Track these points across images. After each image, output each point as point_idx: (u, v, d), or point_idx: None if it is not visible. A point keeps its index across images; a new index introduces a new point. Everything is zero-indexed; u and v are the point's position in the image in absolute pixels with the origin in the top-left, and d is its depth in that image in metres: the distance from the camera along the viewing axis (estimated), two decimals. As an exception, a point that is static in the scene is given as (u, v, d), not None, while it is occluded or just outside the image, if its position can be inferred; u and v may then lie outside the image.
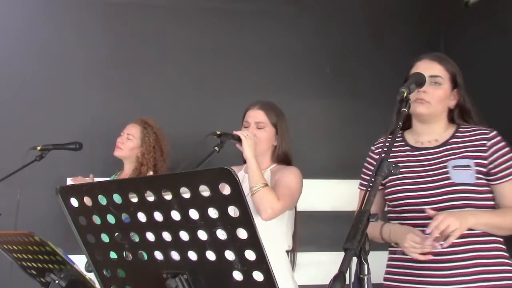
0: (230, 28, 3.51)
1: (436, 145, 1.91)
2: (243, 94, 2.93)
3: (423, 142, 1.94)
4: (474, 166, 1.80)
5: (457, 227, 1.63)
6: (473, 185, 1.78)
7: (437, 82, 1.88)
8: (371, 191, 1.30)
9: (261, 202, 2.10)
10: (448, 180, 1.80)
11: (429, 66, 1.91)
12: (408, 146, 1.97)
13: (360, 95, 3.52)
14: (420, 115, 1.89)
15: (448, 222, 1.63)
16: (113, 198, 1.14)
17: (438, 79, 1.88)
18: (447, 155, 1.86)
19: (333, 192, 3.38)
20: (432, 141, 1.93)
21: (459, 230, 1.64)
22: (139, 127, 2.91)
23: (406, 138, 2.00)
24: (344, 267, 1.10)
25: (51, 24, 3.39)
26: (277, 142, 2.36)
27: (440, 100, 1.88)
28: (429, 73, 1.87)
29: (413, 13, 3.67)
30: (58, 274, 1.62)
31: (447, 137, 1.91)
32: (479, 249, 1.77)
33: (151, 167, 2.83)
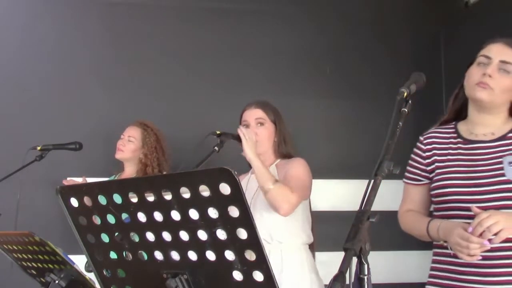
0: (230, 28, 3.51)
1: (492, 139, 1.74)
2: (243, 94, 2.93)
3: (477, 135, 1.77)
4: None
5: (504, 226, 1.49)
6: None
7: (506, 70, 1.69)
8: (371, 191, 1.30)
9: (276, 199, 2.10)
10: (502, 177, 1.65)
11: (503, 50, 1.73)
12: (460, 138, 1.80)
13: (360, 95, 3.52)
14: (479, 101, 1.71)
15: (495, 220, 1.49)
16: (113, 198, 1.14)
17: (509, 66, 1.69)
18: (504, 150, 1.70)
19: (333, 192, 3.38)
20: (488, 134, 1.76)
21: (506, 231, 1.50)
22: (139, 129, 2.93)
23: (459, 130, 1.82)
24: (344, 267, 1.10)
25: (51, 24, 3.39)
26: (277, 138, 2.38)
27: (505, 89, 1.69)
28: (501, 57, 1.71)
29: (413, 13, 3.67)
30: (58, 274, 1.62)
31: (505, 131, 1.74)
32: None
33: (156, 167, 2.84)
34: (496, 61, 1.70)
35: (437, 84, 3.48)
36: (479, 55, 1.76)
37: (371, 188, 1.31)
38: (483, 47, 1.77)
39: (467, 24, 3.40)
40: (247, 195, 2.18)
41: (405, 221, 1.87)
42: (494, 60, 1.71)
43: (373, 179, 1.33)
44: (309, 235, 2.29)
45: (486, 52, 1.75)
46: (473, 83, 1.72)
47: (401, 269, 3.22)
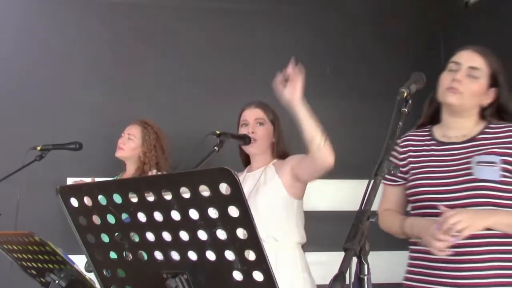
0: (230, 28, 3.51)
1: (462, 141, 1.82)
2: (243, 94, 2.93)
3: (450, 137, 1.86)
4: (500, 163, 1.71)
5: (467, 225, 1.57)
6: (497, 182, 1.70)
7: (475, 75, 1.78)
8: (371, 191, 1.30)
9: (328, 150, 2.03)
10: (470, 176, 1.73)
11: (471, 56, 1.82)
12: (434, 140, 1.89)
13: (360, 95, 3.52)
14: (450, 105, 1.81)
15: (459, 218, 1.58)
16: (113, 198, 1.14)
17: (477, 72, 1.78)
18: (473, 151, 1.78)
19: (333, 191, 3.38)
20: (460, 136, 1.84)
21: (470, 228, 1.58)
22: (139, 127, 2.93)
23: (434, 133, 1.91)
24: (344, 267, 1.10)
25: (51, 24, 3.39)
26: (275, 138, 2.39)
27: (474, 94, 1.78)
28: (469, 63, 1.80)
29: (413, 13, 3.67)
30: (58, 274, 1.62)
31: (475, 133, 1.82)
32: (499, 251, 1.69)
33: (153, 165, 2.84)
34: (465, 67, 1.79)
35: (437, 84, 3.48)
36: (450, 61, 1.85)
37: (371, 188, 1.31)
38: (454, 54, 1.86)
39: (467, 24, 3.40)
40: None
41: (382, 220, 1.95)
42: (463, 66, 1.81)
43: (373, 179, 1.33)
44: (303, 235, 2.30)
45: (455, 58, 1.84)
46: (444, 88, 1.82)
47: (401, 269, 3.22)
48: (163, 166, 2.87)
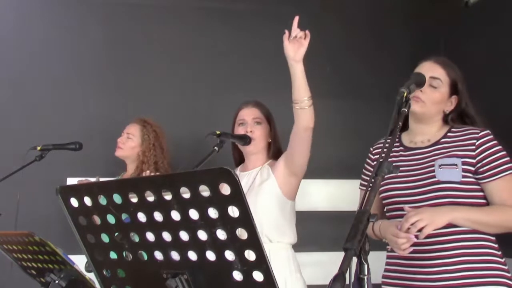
0: (229, 28, 3.51)
1: (427, 145, 1.94)
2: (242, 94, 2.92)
3: (416, 142, 1.97)
4: (461, 165, 1.81)
5: (428, 222, 1.66)
6: (458, 183, 1.80)
7: (435, 85, 1.90)
8: (371, 191, 1.30)
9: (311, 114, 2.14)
10: (434, 179, 1.82)
11: (431, 67, 1.94)
12: (402, 146, 2.01)
13: (360, 95, 3.52)
14: (413, 113, 1.92)
15: (418, 217, 1.66)
16: (113, 198, 1.14)
17: (437, 81, 1.91)
18: (436, 154, 1.88)
19: (333, 192, 3.38)
20: (425, 141, 1.96)
21: (430, 226, 1.66)
22: (139, 126, 2.93)
23: (402, 139, 2.04)
24: (344, 267, 1.10)
25: (51, 24, 3.39)
26: (271, 138, 2.41)
27: (435, 102, 1.91)
28: (430, 74, 1.90)
29: (413, 13, 3.67)
30: (58, 274, 1.62)
31: (438, 137, 1.93)
32: (466, 247, 1.78)
33: (152, 164, 2.84)
34: (426, 78, 1.86)
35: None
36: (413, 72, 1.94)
37: (371, 188, 1.31)
38: (417, 65, 1.98)
39: (467, 24, 3.40)
40: None
41: None
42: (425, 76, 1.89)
43: (373, 179, 1.34)
44: (295, 236, 2.31)
45: (417, 70, 1.95)
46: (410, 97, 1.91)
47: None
48: (161, 165, 2.86)
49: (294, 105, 2.11)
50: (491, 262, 1.79)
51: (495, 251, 1.82)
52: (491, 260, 1.80)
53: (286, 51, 2.17)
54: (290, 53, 2.16)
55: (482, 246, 1.80)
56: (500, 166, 1.80)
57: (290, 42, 2.17)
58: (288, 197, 2.29)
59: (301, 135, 2.15)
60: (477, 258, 1.78)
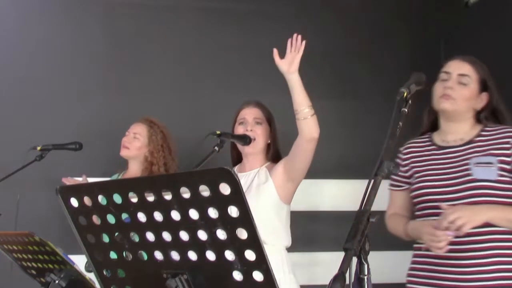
0: (230, 28, 3.51)
1: (461, 144, 1.93)
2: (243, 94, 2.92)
3: (448, 141, 1.97)
4: (497, 163, 1.82)
5: (466, 220, 1.66)
6: (494, 181, 1.80)
7: (464, 82, 1.91)
8: (371, 191, 1.30)
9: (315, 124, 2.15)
10: (469, 177, 1.82)
11: (460, 65, 1.95)
12: (434, 145, 2.01)
13: (360, 95, 3.52)
14: (444, 111, 1.93)
15: (458, 215, 1.67)
16: (113, 198, 1.14)
17: (466, 78, 1.91)
18: (471, 152, 1.89)
19: (333, 192, 3.38)
20: (457, 140, 1.95)
21: (469, 224, 1.67)
22: (145, 126, 2.85)
23: (433, 138, 2.03)
24: (344, 267, 1.10)
25: (51, 23, 3.39)
26: (270, 139, 2.39)
27: (465, 99, 1.91)
28: (458, 71, 1.92)
29: (413, 13, 3.67)
30: (58, 274, 1.62)
31: (472, 136, 1.93)
32: (500, 247, 1.78)
33: (162, 166, 2.76)
34: (455, 75, 1.91)
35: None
36: (441, 72, 1.98)
37: (371, 188, 1.32)
38: (443, 65, 1.99)
39: (467, 24, 3.40)
40: None
41: (390, 224, 2.08)
42: (453, 74, 1.94)
43: (373, 179, 1.34)
44: (290, 238, 2.31)
45: (446, 68, 1.97)
46: (438, 97, 1.94)
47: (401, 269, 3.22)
48: (171, 167, 2.79)
49: (296, 116, 2.11)
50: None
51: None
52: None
53: (280, 67, 2.17)
54: (283, 68, 2.17)
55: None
56: None
57: (282, 59, 2.17)
58: (285, 201, 2.28)
59: (304, 146, 2.15)
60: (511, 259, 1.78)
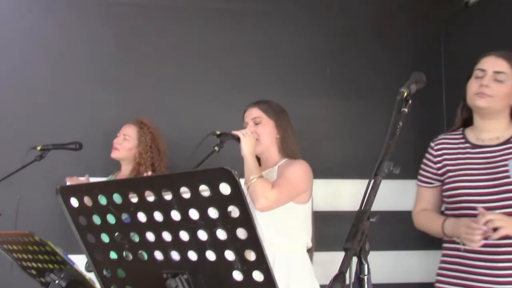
0: (230, 28, 3.51)
1: (497, 143, 1.90)
2: (243, 94, 2.93)
3: (484, 140, 1.94)
4: None
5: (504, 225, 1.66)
6: None
7: (500, 79, 1.87)
8: (371, 191, 1.30)
9: (254, 192, 2.10)
10: (507, 179, 1.81)
11: (495, 61, 1.91)
12: (468, 143, 1.97)
13: (360, 95, 3.52)
14: (479, 108, 1.90)
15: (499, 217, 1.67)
16: (113, 198, 1.14)
17: (502, 75, 1.88)
18: (508, 153, 1.86)
19: (334, 192, 3.38)
20: (493, 138, 1.92)
21: (506, 229, 1.66)
22: (135, 127, 2.91)
23: (467, 135, 2.00)
24: (344, 267, 1.10)
25: (51, 23, 3.39)
26: (279, 134, 2.34)
27: (503, 96, 1.88)
28: (494, 68, 1.89)
29: (413, 13, 3.66)
30: (58, 274, 1.62)
31: (509, 135, 1.91)
32: None
33: (149, 166, 2.82)
34: (490, 72, 1.88)
35: (437, 84, 3.48)
36: (475, 69, 1.95)
37: (371, 188, 1.31)
38: (478, 61, 1.95)
39: (467, 24, 3.40)
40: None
41: (420, 219, 2.04)
42: (488, 71, 1.90)
43: (373, 179, 1.33)
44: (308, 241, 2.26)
45: (480, 65, 1.93)
46: (473, 94, 1.91)
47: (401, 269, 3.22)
48: (158, 167, 2.84)
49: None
50: None
51: None
52: None
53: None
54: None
55: None
56: None
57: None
58: (296, 201, 2.23)
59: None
60: None
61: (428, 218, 2.01)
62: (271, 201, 2.10)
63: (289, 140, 2.34)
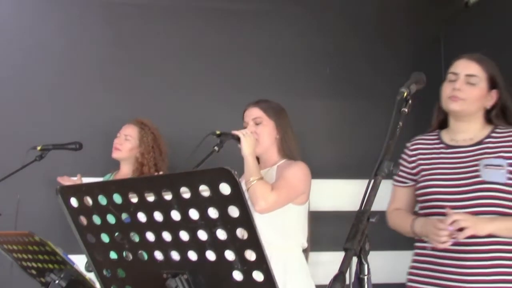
0: (230, 28, 3.51)
1: (470, 144, 1.92)
2: (243, 94, 2.93)
3: (458, 141, 1.96)
4: (507, 166, 1.81)
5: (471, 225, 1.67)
6: (503, 184, 1.80)
7: (473, 82, 1.89)
8: (371, 191, 1.30)
9: (254, 194, 2.11)
10: (478, 178, 1.82)
11: (467, 65, 1.93)
12: (442, 143, 1.99)
13: (360, 95, 3.52)
14: (453, 111, 1.91)
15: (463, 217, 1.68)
16: (113, 198, 1.14)
17: (474, 78, 1.89)
18: (481, 154, 1.87)
19: (334, 192, 3.38)
20: (467, 139, 1.94)
21: (472, 229, 1.67)
22: (136, 127, 2.90)
23: (442, 136, 2.02)
24: (344, 267, 1.10)
25: (51, 23, 3.39)
26: (279, 135, 2.34)
27: (475, 99, 1.89)
28: (466, 71, 1.91)
29: (413, 13, 3.67)
30: (58, 274, 1.62)
31: (482, 137, 1.92)
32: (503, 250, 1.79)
33: (152, 167, 2.82)
34: (462, 76, 1.89)
35: (437, 84, 3.48)
36: (448, 72, 1.97)
37: (371, 188, 1.32)
38: (451, 65, 1.97)
39: (467, 24, 3.40)
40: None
41: (392, 219, 2.06)
42: (461, 75, 1.92)
43: (373, 179, 1.33)
44: (303, 242, 2.27)
45: (453, 69, 1.95)
46: (446, 98, 1.94)
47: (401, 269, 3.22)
48: (161, 168, 2.85)
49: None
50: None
51: None
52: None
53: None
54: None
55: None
56: None
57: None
58: (294, 203, 2.23)
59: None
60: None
61: (399, 218, 2.03)
62: (270, 204, 2.12)
63: (288, 140, 2.34)
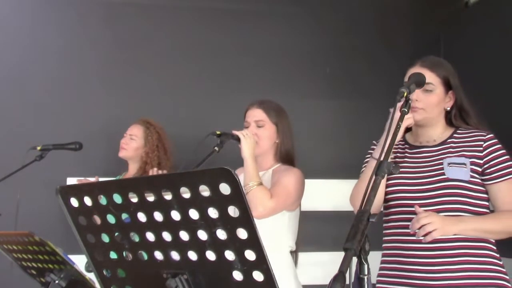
0: (230, 28, 3.51)
1: (434, 144, 1.95)
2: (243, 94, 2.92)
3: (421, 142, 1.99)
4: (470, 165, 1.84)
5: (437, 227, 1.67)
6: (466, 182, 1.82)
7: (428, 89, 1.90)
8: (371, 191, 1.30)
9: (253, 199, 2.11)
10: (443, 176, 1.84)
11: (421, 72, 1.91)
12: (407, 144, 2.02)
13: (360, 95, 3.52)
14: (416, 121, 1.93)
15: (429, 220, 1.67)
16: (113, 198, 1.14)
17: (429, 86, 1.90)
18: (444, 153, 1.90)
19: (333, 192, 3.38)
20: (430, 141, 1.97)
21: (439, 231, 1.67)
22: (142, 127, 2.94)
23: (406, 138, 2.05)
24: (344, 267, 1.10)
25: (51, 23, 3.39)
26: (278, 139, 2.34)
27: (434, 105, 1.92)
28: None
29: (413, 13, 3.67)
30: (58, 274, 1.62)
31: (445, 138, 1.95)
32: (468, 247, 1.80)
33: (155, 165, 2.85)
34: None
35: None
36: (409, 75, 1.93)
37: (371, 188, 1.31)
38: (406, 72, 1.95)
39: (467, 24, 3.40)
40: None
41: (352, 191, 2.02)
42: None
43: (373, 179, 1.33)
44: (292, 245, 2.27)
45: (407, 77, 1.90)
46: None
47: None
48: (165, 166, 2.87)
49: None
50: (491, 264, 1.82)
51: (494, 253, 1.84)
52: (491, 262, 1.82)
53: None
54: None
55: (483, 247, 1.82)
56: (505, 169, 1.83)
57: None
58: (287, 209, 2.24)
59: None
60: (478, 259, 1.80)
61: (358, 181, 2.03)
62: (268, 210, 2.14)
63: (287, 145, 2.35)
